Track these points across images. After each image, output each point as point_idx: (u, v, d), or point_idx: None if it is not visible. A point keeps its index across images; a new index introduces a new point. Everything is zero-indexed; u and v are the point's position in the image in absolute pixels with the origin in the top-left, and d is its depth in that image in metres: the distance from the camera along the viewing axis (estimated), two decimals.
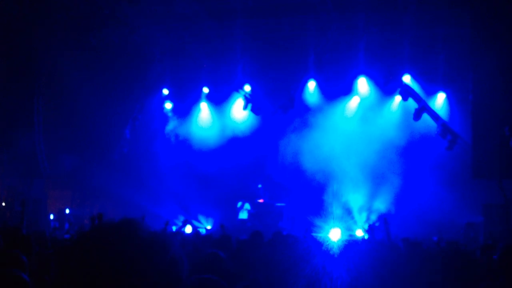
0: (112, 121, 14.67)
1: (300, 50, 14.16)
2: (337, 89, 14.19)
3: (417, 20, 12.96)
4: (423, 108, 13.08)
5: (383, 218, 6.49)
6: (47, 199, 14.59)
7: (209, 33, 14.28)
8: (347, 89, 14.14)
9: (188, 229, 12.11)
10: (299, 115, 14.22)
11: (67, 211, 14.24)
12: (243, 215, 13.88)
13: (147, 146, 15.21)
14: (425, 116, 13.13)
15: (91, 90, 13.79)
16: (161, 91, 15.55)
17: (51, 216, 13.91)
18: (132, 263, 1.34)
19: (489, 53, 11.90)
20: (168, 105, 15.64)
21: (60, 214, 14.06)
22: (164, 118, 15.67)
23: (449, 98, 13.48)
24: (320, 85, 14.46)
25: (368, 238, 6.97)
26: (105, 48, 13.73)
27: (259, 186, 13.97)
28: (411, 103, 13.33)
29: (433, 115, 13.06)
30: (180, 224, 13.24)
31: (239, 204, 13.96)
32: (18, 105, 13.85)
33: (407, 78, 13.57)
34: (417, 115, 13.09)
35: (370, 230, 7.04)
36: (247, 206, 13.90)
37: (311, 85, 14.50)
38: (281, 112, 14.31)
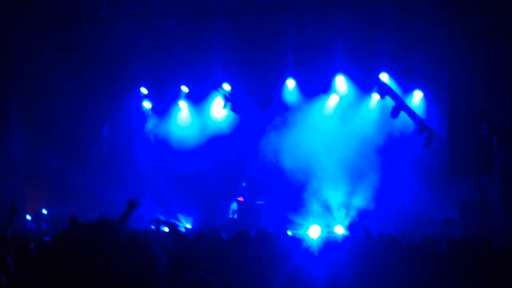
0: (90, 120, 14.52)
1: (279, 48, 14.20)
2: (316, 87, 14.26)
3: (395, 19, 13.11)
4: (400, 106, 13.24)
5: (359, 216, 6.59)
6: (24, 199, 14.36)
7: (188, 32, 14.22)
8: (326, 88, 14.23)
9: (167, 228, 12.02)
10: (278, 113, 14.26)
11: (44, 211, 14.03)
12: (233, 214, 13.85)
13: (126, 146, 15.08)
14: (403, 114, 13.29)
15: (69, 89, 13.63)
16: (139, 90, 15.42)
17: (28, 217, 13.70)
18: (109, 263, 1.33)
19: (466, 52, 12.11)
20: (147, 104, 15.52)
21: (37, 215, 13.84)
22: (142, 117, 15.55)
23: (426, 96, 13.65)
24: (299, 83, 14.52)
25: (348, 235, 7.03)
26: (82, 46, 13.59)
27: (244, 184, 13.96)
28: (389, 101, 13.48)
29: (410, 113, 13.23)
30: (157, 223, 13.17)
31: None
32: None
33: (384, 76, 13.71)
34: (394, 113, 13.24)
35: (350, 227, 7.10)
36: (233, 205, 13.87)
37: (290, 83, 14.55)
38: (261, 111, 14.34)
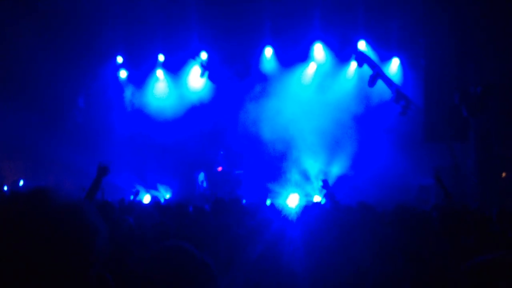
0: (64, 90, 14.24)
1: (257, 16, 14.02)
2: (293, 55, 14.19)
3: None
4: (378, 74, 13.28)
5: (324, 181, 6.66)
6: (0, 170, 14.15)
7: None
8: (304, 56, 14.17)
9: (146, 199, 12.04)
10: (256, 82, 14.19)
11: (21, 182, 13.87)
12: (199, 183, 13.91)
13: (102, 115, 14.89)
14: (380, 83, 13.35)
15: (41, 58, 13.29)
16: (115, 59, 15.14)
17: (6, 188, 13.54)
18: (40, 232, 1.33)
19: (441, 18, 12.13)
20: (123, 73, 15.28)
21: (13, 186, 13.69)
22: (119, 86, 15.33)
23: (403, 63, 13.72)
24: (276, 52, 14.42)
25: (325, 202, 7.12)
26: (54, 14, 13.21)
27: (221, 152, 13.96)
28: (366, 70, 13.51)
29: (387, 81, 13.30)
30: (138, 193, 13.18)
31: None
32: None
33: (362, 44, 13.70)
34: (371, 81, 13.28)
35: (327, 195, 7.18)
36: (201, 176, 13.91)
37: (268, 52, 14.45)
38: (238, 80, 14.25)
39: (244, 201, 7.41)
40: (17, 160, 14.37)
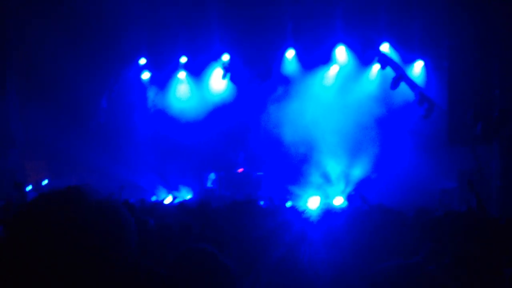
0: (88, 91, 14.44)
1: (278, 18, 14.03)
2: (315, 58, 14.16)
3: None
4: (401, 76, 13.16)
5: (357, 188, 6.63)
6: (24, 170, 14.40)
7: (185, 1, 14.06)
8: (326, 58, 14.13)
9: (168, 199, 12.13)
10: (278, 84, 14.21)
11: (45, 182, 14.09)
12: (208, 184, 13.98)
13: (125, 117, 15.06)
14: (403, 85, 13.23)
15: (65, 60, 13.50)
16: (137, 61, 15.31)
17: (30, 187, 13.79)
18: (76, 229, 1.37)
19: (465, 20, 11.97)
20: (146, 75, 15.44)
21: (37, 185, 13.91)
22: (141, 88, 15.48)
23: (426, 65, 13.58)
24: (298, 54, 14.41)
25: (347, 205, 7.10)
26: (77, 16, 13.41)
27: (242, 154, 14.02)
28: (389, 72, 13.40)
29: (410, 83, 13.16)
30: (160, 194, 13.27)
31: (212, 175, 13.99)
32: None
33: (385, 47, 13.60)
34: (394, 83, 13.16)
35: (349, 197, 7.16)
36: (212, 175, 13.98)
37: (290, 54, 14.44)
38: (260, 82, 14.28)
39: (262, 202, 7.41)
40: (41, 160, 14.61)
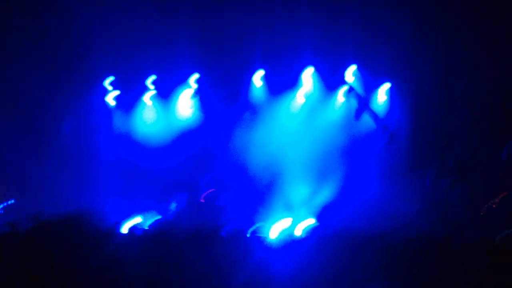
0: (51, 113, 14.18)
1: (248, 42, 14.15)
2: (283, 82, 14.29)
3: (360, 15, 13.29)
4: (364, 108, 13.46)
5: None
6: None
7: (153, 22, 14.06)
8: (293, 82, 14.27)
9: (126, 227, 11.85)
10: (245, 109, 14.26)
11: (12, 201, 13.77)
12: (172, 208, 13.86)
13: (89, 140, 14.81)
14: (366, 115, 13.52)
15: (29, 80, 13.28)
16: (103, 82, 15.13)
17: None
18: (77, 253, 1.38)
19: (430, 45, 12.35)
20: (111, 97, 15.26)
21: (5, 205, 13.58)
22: (107, 110, 15.29)
23: (392, 89, 13.85)
24: (267, 77, 14.51)
25: (310, 232, 7.09)
26: (43, 36, 13.24)
27: (207, 179, 13.93)
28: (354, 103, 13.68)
29: (373, 115, 13.46)
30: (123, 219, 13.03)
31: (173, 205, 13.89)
32: None
33: (352, 70, 13.81)
34: (357, 115, 13.48)
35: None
36: (172, 205, 13.88)
37: (257, 78, 14.52)
38: (227, 105, 14.31)
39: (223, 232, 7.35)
40: (8, 180, 14.22)
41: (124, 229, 11.18)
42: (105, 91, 15.18)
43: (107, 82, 15.09)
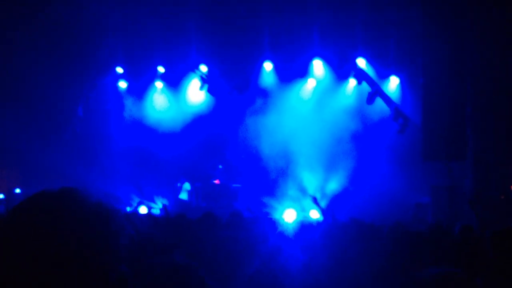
0: (63, 100, 14.23)
1: (256, 30, 14.12)
2: (293, 71, 14.27)
3: (368, 3, 13.26)
4: (376, 92, 13.36)
5: (314, 198, 6.66)
6: None
7: (163, 10, 14.05)
8: (303, 72, 14.25)
9: (143, 209, 12.01)
10: (255, 96, 14.26)
11: (18, 191, 13.82)
12: (183, 195, 13.89)
13: (101, 126, 14.87)
14: (378, 100, 13.42)
15: (41, 69, 13.31)
16: (114, 69, 15.18)
17: (1, 196, 13.49)
18: (71, 231, 1.35)
19: (439, 37, 12.25)
20: (122, 84, 15.31)
21: (9, 194, 13.64)
22: (118, 97, 15.34)
23: (402, 82, 13.81)
24: (276, 66, 14.50)
25: (323, 219, 7.12)
26: (53, 25, 13.26)
27: (220, 167, 13.98)
28: (365, 87, 13.58)
29: (386, 99, 13.36)
30: (135, 205, 13.15)
31: (178, 184, 13.93)
32: None
33: (361, 62, 13.79)
34: (370, 99, 13.38)
35: (325, 211, 7.19)
36: (186, 186, 13.93)
37: (267, 66, 14.51)
38: (237, 93, 14.31)
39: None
40: (14, 168, 14.32)
41: (142, 210, 11.31)
42: (117, 78, 15.24)
43: (118, 69, 15.13)
